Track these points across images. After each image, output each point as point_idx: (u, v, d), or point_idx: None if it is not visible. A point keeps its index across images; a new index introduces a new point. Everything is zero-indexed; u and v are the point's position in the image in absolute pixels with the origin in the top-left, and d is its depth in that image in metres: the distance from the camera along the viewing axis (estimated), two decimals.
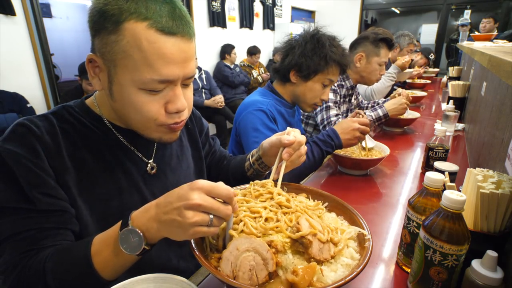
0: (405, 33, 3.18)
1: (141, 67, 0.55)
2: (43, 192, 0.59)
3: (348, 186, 1.17)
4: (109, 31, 0.55)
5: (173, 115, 0.62)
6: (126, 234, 0.52)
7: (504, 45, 1.60)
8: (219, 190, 0.49)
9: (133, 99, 0.58)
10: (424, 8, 7.70)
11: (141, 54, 0.54)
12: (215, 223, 0.49)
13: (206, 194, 0.49)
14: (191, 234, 0.49)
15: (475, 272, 0.52)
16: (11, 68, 2.59)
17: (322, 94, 1.28)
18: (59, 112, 0.67)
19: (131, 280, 0.51)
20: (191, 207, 0.47)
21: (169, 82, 0.58)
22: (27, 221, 0.58)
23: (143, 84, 0.57)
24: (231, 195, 0.50)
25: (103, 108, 0.70)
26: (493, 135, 0.99)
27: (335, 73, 1.26)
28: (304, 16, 7.44)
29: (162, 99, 0.60)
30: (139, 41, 0.54)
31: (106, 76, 0.60)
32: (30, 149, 0.59)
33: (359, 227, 0.62)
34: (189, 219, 0.47)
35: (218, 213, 0.49)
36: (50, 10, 5.71)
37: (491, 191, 0.57)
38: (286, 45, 1.30)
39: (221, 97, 4.12)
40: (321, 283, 0.49)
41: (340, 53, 1.24)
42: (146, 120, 0.61)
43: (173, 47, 0.56)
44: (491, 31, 4.36)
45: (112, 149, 0.69)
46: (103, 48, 0.57)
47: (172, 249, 0.79)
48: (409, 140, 1.77)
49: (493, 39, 2.40)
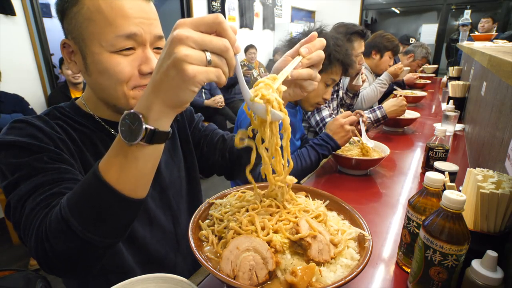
0: (425, 45, 3.22)
1: (104, 28, 0.58)
2: (49, 156, 0.59)
3: (348, 186, 1.17)
4: (71, 5, 0.59)
5: (147, 76, 0.63)
6: (124, 122, 0.45)
7: (504, 45, 1.60)
8: (206, 19, 0.41)
9: (106, 63, 0.60)
10: (424, 8, 7.70)
11: (101, 15, 0.58)
12: (214, 61, 0.41)
13: (193, 28, 0.40)
14: (191, 76, 0.39)
15: (475, 272, 0.52)
16: (11, 68, 2.59)
17: (325, 93, 1.28)
18: (51, 113, 0.69)
19: (131, 280, 0.51)
20: (178, 43, 0.39)
21: (136, 39, 0.60)
22: (43, 178, 0.56)
23: (112, 46, 0.59)
24: (220, 20, 0.41)
25: (90, 103, 0.72)
26: (493, 135, 0.99)
27: (338, 73, 1.26)
28: (304, 16, 7.45)
29: (135, 61, 0.61)
30: (97, 4, 0.58)
31: (79, 55, 0.63)
32: (34, 136, 0.60)
33: (359, 227, 0.62)
34: (179, 53, 0.38)
35: (213, 46, 0.40)
36: (50, 10, 5.71)
37: (491, 191, 0.57)
38: (288, 44, 1.29)
39: (221, 97, 4.12)
40: (320, 284, 0.49)
41: (344, 52, 1.23)
42: (119, 84, 0.61)
43: (131, 3, 0.59)
44: (489, 31, 4.36)
45: (104, 142, 0.71)
46: (70, 26, 0.61)
47: (170, 244, 0.80)
48: (409, 140, 1.77)
49: (493, 39, 2.40)
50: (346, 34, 1.73)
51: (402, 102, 1.66)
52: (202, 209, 0.65)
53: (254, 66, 5.13)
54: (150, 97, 0.44)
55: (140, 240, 0.74)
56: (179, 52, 0.39)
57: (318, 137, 1.18)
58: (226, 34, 0.42)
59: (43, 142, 0.60)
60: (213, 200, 0.68)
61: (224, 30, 0.41)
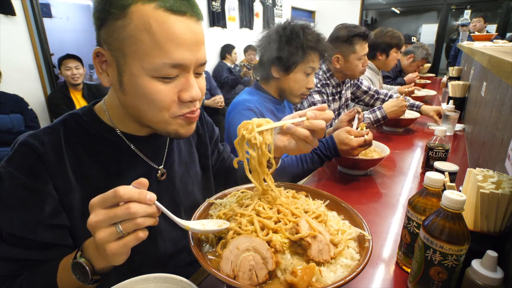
0: (425, 46, 3.20)
1: (151, 51, 0.53)
2: (43, 224, 0.59)
3: (348, 186, 1.17)
4: (116, 17, 0.53)
5: (187, 104, 0.60)
6: (74, 265, 0.51)
7: (504, 45, 1.60)
8: (106, 196, 0.45)
9: (145, 89, 0.56)
10: (424, 8, 7.70)
11: (150, 37, 0.52)
12: (128, 228, 0.45)
13: (101, 208, 0.46)
14: (114, 253, 0.45)
15: (475, 272, 0.52)
16: (11, 68, 2.59)
17: (307, 83, 1.29)
18: (67, 122, 0.65)
19: (131, 280, 0.51)
20: (92, 229, 0.46)
21: (182, 67, 0.56)
22: (20, 251, 0.60)
23: (155, 71, 0.54)
24: (116, 194, 0.44)
25: (114, 114, 0.67)
26: (493, 135, 0.99)
27: (316, 60, 1.26)
28: (304, 16, 7.45)
29: (175, 88, 0.58)
30: (148, 23, 0.52)
31: (114, 69, 0.57)
32: (31, 171, 0.59)
33: (359, 227, 0.62)
34: (96, 238, 0.45)
35: (118, 218, 0.45)
36: (50, 10, 5.72)
37: (491, 191, 0.57)
38: (262, 43, 1.31)
39: (221, 97, 4.12)
40: (320, 284, 0.49)
41: (315, 39, 1.24)
42: (159, 110, 0.58)
43: (184, 27, 0.54)
44: (481, 31, 4.37)
45: (121, 159, 0.67)
46: (110, 37, 0.55)
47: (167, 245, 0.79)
48: (409, 140, 1.77)
49: (493, 39, 2.40)
50: (347, 37, 1.72)
51: (402, 102, 1.66)
52: (202, 209, 0.65)
53: (253, 66, 5.13)
54: (95, 254, 0.50)
55: (150, 255, 0.72)
56: (96, 237, 0.45)
57: (325, 145, 1.13)
58: (129, 199, 0.45)
59: (38, 190, 0.59)
60: (213, 200, 0.68)
61: (121, 199, 0.45)
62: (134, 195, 0.45)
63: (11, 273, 0.61)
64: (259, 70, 1.35)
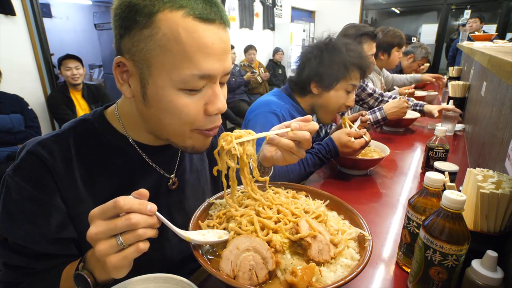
0: (424, 46, 3.20)
1: (180, 62, 0.50)
2: (49, 238, 0.59)
3: (348, 186, 1.17)
4: (142, 26, 0.50)
5: (212, 117, 0.58)
6: (76, 277, 0.50)
7: (504, 45, 1.60)
8: (106, 207, 0.44)
9: (172, 102, 0.53)
10: (424, 8, 7.69)
11: (179, 46, 0.50)
12: (128, 240, 0.44)
13: (101, 219, 0.44)
14: (114, 266, 0.44)
15: (475, 272, 0.52)
16: (11, 68, 2.59)
17: (347, 100, 1.25)
18: (77, 129, 0.63)
19: (131, 280, 0.51)
20: (92, 241, 0.44)
21: (210, 78, 0.54)
22: (25, 259, 0.60)
23: (183, 83, 0.52)
24: (116, 205, 0.43)
25: (127, 122, 0.65)
26: (493, 135, 0.99)
27: (357, 77, 1.23)
28: (304, 16, 7.45)
29: (201, 100, 0.55)
30: (176, 32, 0.49)
31: (137, 80, 0.54)
32: (39, 183, 0.57)
33: (359, 227, 0.62)
34: (97, 250, 0.43)
35: (119, 229, 0.43)
36: (50, 10, 5.73)
37: (491, 191, 0.57)
38: (301, 58, 1.28)
39: None
40: (320, 284, 0.49)
41: (358, 55, 1.21)
42: (183, 124, 0.56)
43: (213, 35, 0.51)
44: (478, 31, 4.38)
45: (132, 169, 0.66)
46: (135, 47, 0.51)
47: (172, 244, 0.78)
48: (409, 140, 1.77)
49: (493, 39, 2.40)
50: (355, 36, 1.71)
51: (403, 104, 1.65)
52: (202, 209, 0.65)
53: (254, 66, 5.13)
54: (96, 266, 0.49)
55: (157, 263, 0.71)
56: (96, 249, 0.44)
57: (326, 148, 1.13)
58: (129, 210, 0.44)
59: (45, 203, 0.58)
60: (213, 200, 0.68)
61: (121, 210, 0.43)
62: (134, 206, 0.44)
63: (14, 280, 0.61)
64: (295, 83, 1.31)
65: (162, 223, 0.48)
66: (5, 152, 2.33)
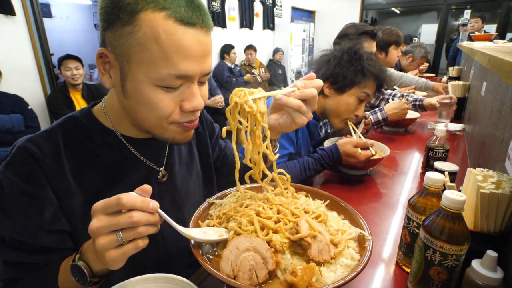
0: (423, 45, 3.20)
1: (158, 61, 0.52)
2: (43, 230, 0.59)
3: (348, 186, 1.17)
4: (124, 22, 0.51)
5: (188, 113, 0.59)
6: (73, 268, 0.52)
7: (504, 45, 1.60)
8: (109, 203, 0.45)
9: (148, 97, 0.55)
10: (424, 8, 7.70)
11: (158, 46, 0.51)
12: (128, 237, 0.45)
13: (103, 214, 0.45)
14: (113, 260, 0.45)
15: (475, 272, 0.52)
16: (11, 68, 2.60)
17: (357, 109, 1.24)
18: (65, 126, 0.65)
19: (131, 280, 0.51)
20: (93, 235, 0.46)
21: (187, 78, 0.55)
22: (22, 255, 0.60)
23: (160, 81, 0.54)
24: (119, 202, 0.44)
25: (113, 116, 0.66)
26: (493, 135, 0.99)
27: (372, 88, 1.22)
28: (304, 16, 7.45)
29: (178, 97, 0.57)
30: (157, 33, 0.50)
31: (118, 72, 0.56)
32: (30, 177, 0.58)
33: (359, 227, 0.62)
34: (96, 244, 0.45)
35: (121, 226, 0.45)
36: (50, 10, 5.73)
37: (491, 191, 0.57)
38: (321, 59, 1.27)
39: (221, 97, 4.12)
40: (320, 284, 0.49)
41: (378, 67, 1.20)
42: (159, 118, 0.58)
43: (192, 38, 0.53)
44: (479, 31, 4.38)
45: (121, 162, 0.67)
46: (116, 41, 0.53)
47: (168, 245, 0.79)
48: (409, 140, 1.77)
49: (493, 39, 2.40)
50: (356, 34, 1.72)
51: (404, 105, 1.64)
52: (202, 209, 0.65)
53: (255, 66, 5.13)
54: (93, 257, 0.50)
55: (154, 260, 0.72)
56: (96, 243, 0.45)
57: (330, 155, 1.12)
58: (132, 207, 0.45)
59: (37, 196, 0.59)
60: (213, 200, 0.68)
61: (124, 207, 0.44)
62: (137, 203, 0.45)
63: (14, 277, 0.61)
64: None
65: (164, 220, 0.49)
66: (5, 152, 2.33)
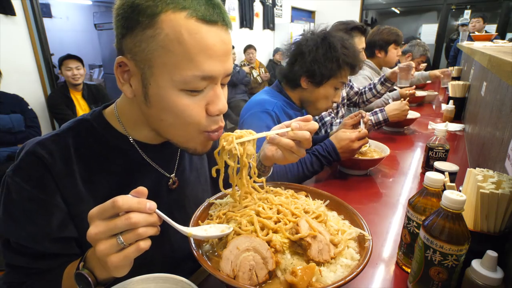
0: (421, 43, 3.20)
1: (181, 63, 0.51)
2: (50, 237, 0.59)
3: (348, 186, 1.17)
4: (144, 26, 0.50)
5: (214, 118, 0.58)
6: (77, 276, 0.50)
7: (504, 45, 1.60)
8: (104, 207, 0.43)
9: (174, 103, 0.54)
10: (424, 8, 7.70)
11: (181, 47, 0.50)
12: (129, 239, 0.43)
13: (100, 219, 0.44)
14: (115, 266, 0.44)
15: (475, 272, 0.52)
16: (11, 68, 2.59)
17: (334, 96, 1.26)
18: (76, 129, 0.63)
19: (131, 280, 0.51)
20: (92, 241, 0.44)
21: (211, 79, 0.54)
22: (27, 260, 0.60)
23: (184, 84, 0.52)
24: (115, 205, 0.42)
25: (125, 118, 0.65)
26: (493, 135, 0.99)
27: (347, 75, 1.23)
28: (304, 16, 7.45)
29: (203, 101, 0.56)
30: (179, 33, 0.49)
31: (139, 80, 0.55)
32: (39, 183, 0.57)
33: (359, 227, 0.62)
34: (97, 251, 0.43)
35: (119, 229, 0.43)
36: (50, 10, 5.73)
37: (491, 191, 0.57)
38: (294, 49, 1.25)
39: None
40: (320, 284, 0.49)
41: (352, 54, 1.20)
42: (187, 125, 0.57)
43: (216, 37, 0.52)
44: (480, 31, 4.38)
45: (132, 168, 0.66)
46: (136, 47, 0.52)
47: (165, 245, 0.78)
48: (409, 140, 1.77)
49: (493, 39, 2.40)
50: (346, 30, 1.73)
51: (404, 106, 1.64)
52: (202, 209, 0.65)
53: (254, 66, 5.13)
54: (97, 265, 0.48)
55: (157, 262, 0.71)
56: (97, 249, 0.43)
57: (324, 147, 1.13)
58: (128, 209, 0.43)
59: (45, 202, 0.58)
60: (213, 200, 0.68)
61: (120, 209, 0.43)
62: (133, 205, 0.43)
63: (17, 281, 0.61)
64: (285, 76, 1.30)
65: (164, 221, 0.48)
66: (5, 152, 2.33)
